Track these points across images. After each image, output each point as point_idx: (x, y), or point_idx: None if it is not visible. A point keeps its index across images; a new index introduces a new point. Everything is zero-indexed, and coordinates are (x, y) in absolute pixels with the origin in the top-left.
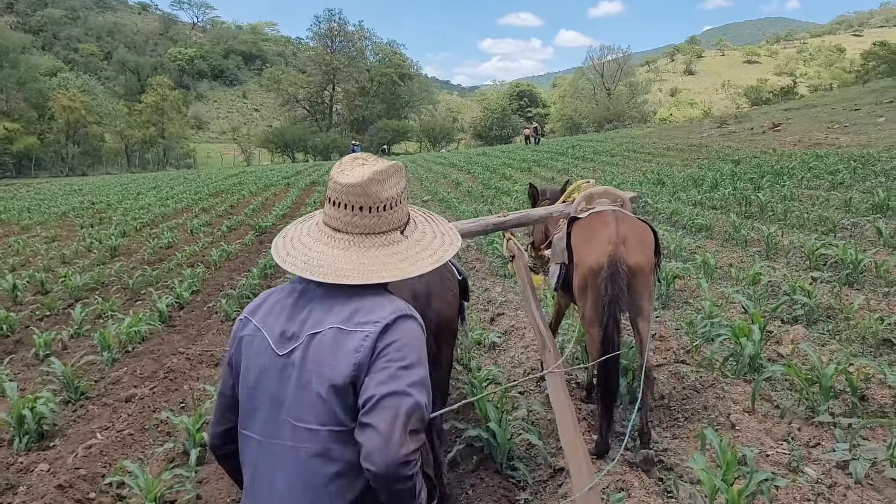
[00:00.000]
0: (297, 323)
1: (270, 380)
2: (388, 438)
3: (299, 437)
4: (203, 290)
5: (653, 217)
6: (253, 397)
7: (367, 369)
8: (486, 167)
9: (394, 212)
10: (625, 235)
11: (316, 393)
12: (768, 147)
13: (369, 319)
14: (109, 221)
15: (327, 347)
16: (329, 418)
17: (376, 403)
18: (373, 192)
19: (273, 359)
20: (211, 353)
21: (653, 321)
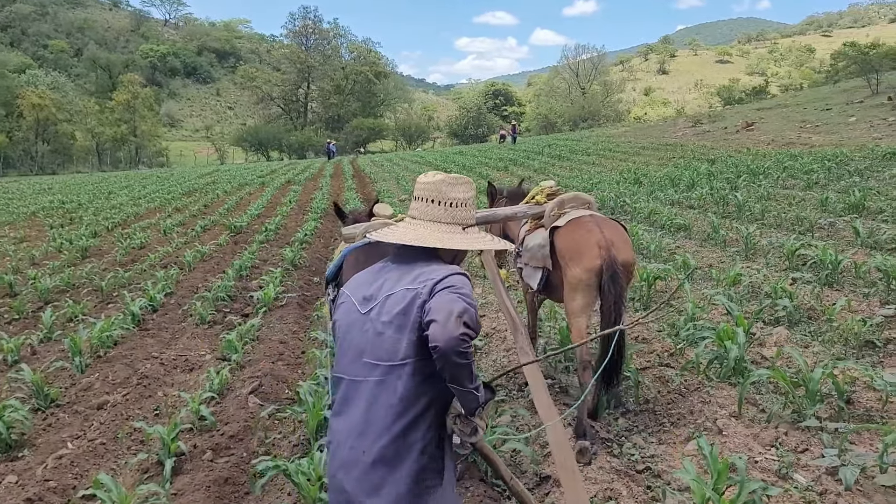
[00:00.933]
0: (374, 289)
1: (353, 329)
2: (445, 323)
3: (376, 373)
4: (177, 293)
5: (631, 217)
6: (342, 347)
7: (425, 309)
8: (462, 166)
9: (458, 210)
10: (611, 238)
11: (389, 337)
12: (742, 146)
13: (429, 277)
14: (80, 221)
15: (399, 300)
16: (400, 355)
17: (435, 304)
18: (443, 190)
19: (357, 315)
20: (185, 357)
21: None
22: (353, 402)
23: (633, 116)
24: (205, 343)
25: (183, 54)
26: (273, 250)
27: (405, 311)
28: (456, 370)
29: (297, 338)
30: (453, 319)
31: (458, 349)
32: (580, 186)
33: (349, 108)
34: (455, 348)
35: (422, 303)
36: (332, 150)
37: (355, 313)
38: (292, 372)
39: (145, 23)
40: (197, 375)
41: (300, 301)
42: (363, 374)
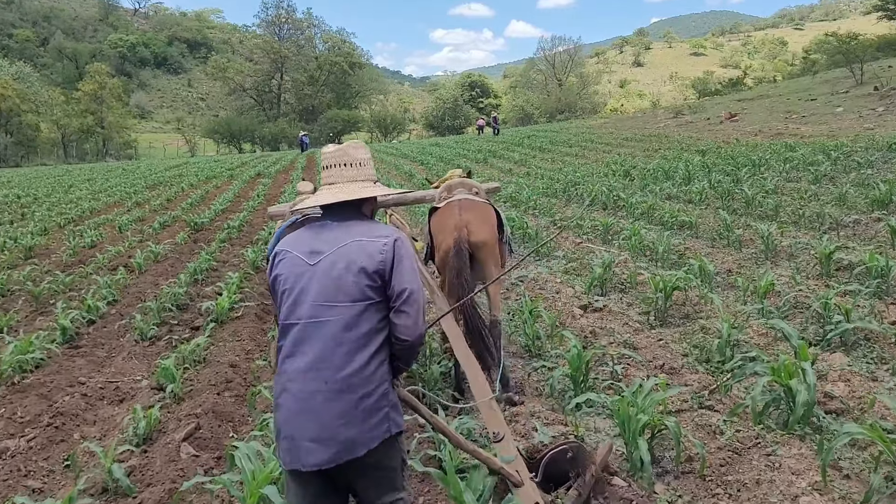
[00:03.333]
0: (321, 243)
1: (304, 279)
2: (416, 321)
3: (337, 312)
4: (122, 300)
5: (627, 213)
6: (293, 294)
7: (390, 266)
8: (440, 158)
9: (366, 168)
10: (467, 220)
11: (348, 281)
12: (729, 137)
13: (381, 234)
14: (32, 217)
15: (355, 250)
16: (360, 296)
17: (406, 298)
18: (350, 153)
19: (304, 267)
20: (117, 385)
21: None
22: (309, 341)
23: (610, 108)
24: (143, 365)
25: (153, 44)
26: (235, 250)
27: (367, 259)
28: (409, 354)
29: (251, 358)
30: (421, 317)
31: (420, 342)
32: (565, 179)
33: (323, 99)
34: (419, 342)
35: (384, 259)
36: (305, 142)
37: (303, 265)
38: (240, 406)
39: (114, 12)
40: (128, 408)
41: (259, 311)
42: (320, 315)
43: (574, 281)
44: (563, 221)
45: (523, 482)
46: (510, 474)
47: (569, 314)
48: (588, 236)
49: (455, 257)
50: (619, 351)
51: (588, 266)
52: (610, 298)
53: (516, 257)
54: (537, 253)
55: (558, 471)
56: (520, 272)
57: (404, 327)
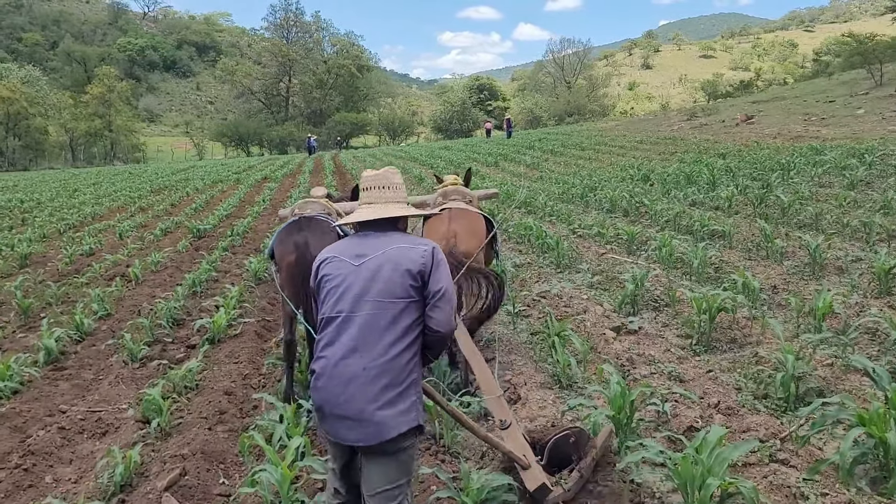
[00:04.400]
0: (366, 248)
1: (351, 278)
2: (449, 315)
3: (379, 307)
4: (115, 314)
5: (652, 221)
6: (339, 290)
7: (429, 270)
8: (449, 161)
9: (400, 191)
10: (455, 230)
11: (393, 280)
12: (747, 140)
13: (421, 243)
14: (32, 223)
15: (397, 254)
16: (403, 294)
17: (442, 296)
18: (389, 177)
19: (351, 268)
20: (99, 415)
21: None
22: (350, 331)
23: (619, 111)
24: (131, 390)
25: (162, 48)
26: (237, 259)
27: (411, 263)
28: (439, 345)
29: (249, 384)
30: (454, 313)
31: (452, 335)
32: (581, 184)
33: (331, 102)
34: (451, 335)
35: (426, 263)
36: (312, 145)
37: (348, 267)
38: (233, 443)
39: (123, 16)
40: (110, 443)
41: (259, 328)
42: (362, 310)
43: (601, 297)
44: (582, 230)
45: (530, 465)
46: (518, 458)
47: (600, 337)
48: (611, 245)
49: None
50: (665, 385)
51: (615, 280)
52: (643, 318)
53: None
54: (558, 265)
55: (562, 454)
56: (542, 287)
57: (439, 321)
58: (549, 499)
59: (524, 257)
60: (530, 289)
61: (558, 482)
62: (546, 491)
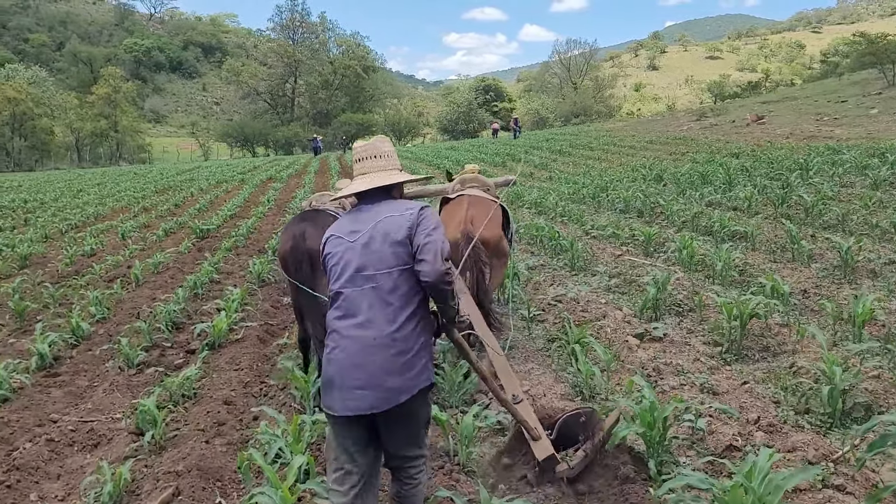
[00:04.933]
0: (359, 224)
1: (348, 255)
2: (433, 262)
3: (378, 279)
4: (113, 318)
5: (668, 221)
6: (339, 268)
7: (414, 230)
8: (456, 162)
9: (392, 159)
10: (472, 216)
11: (386, 251)
12: (759, 140)
13: (408, 207)
14: (35, 223)
15: (388, 225)
16: (396, 262)
17: (424, 246)
18: (378, 147)
19: (346, 244)
20: (92, 426)
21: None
22: (356, 304)
23: (626, 112)
24: (126, 398)
25: (168, 49)
26: (240, 260)
27: (397, 230)
28: (441, 294)
29: (250, 393)
30: (438, 258)
31: (444, 280)
32: (592, 184)
33: (337, 103)
34: (441, 280)
35: (411, 225)
36: (318, 145)
37: (345, 243)
38: (231, 458)
39: (130, 17)
40: (101, 457)
41: (262, 333)
42: (364, 284)
43: (621, 301)
44: (596, 231)
45: (541, 436)
46: (531, 427)
47: (622, 344)
48: (627, 247)
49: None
50: (698, 398)
51: (634, 283)
52: (666, 323)
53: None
54: (572, 268)
55: (571, 433)
56: (557, 290)
57: (424, 270)
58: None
59: (536, 259)
60: (545, 292)
61: (563, 459)
62: (554, 461)
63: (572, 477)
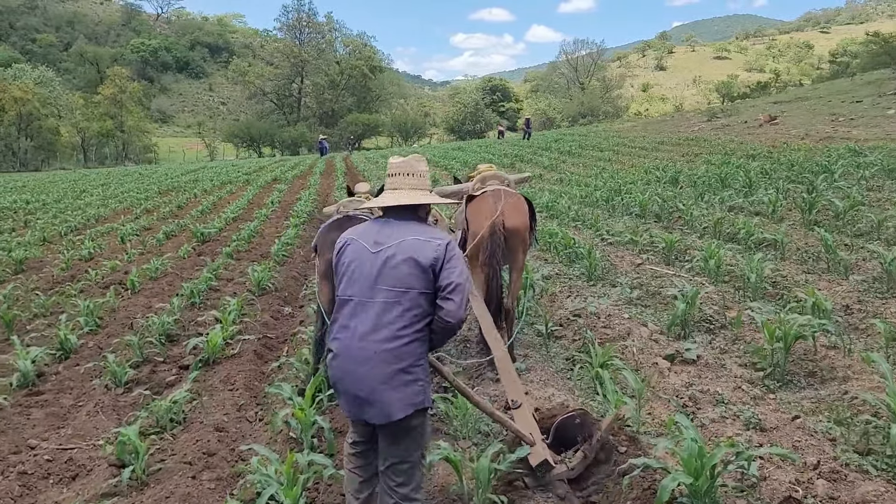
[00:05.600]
0: (384, 237)
1: (366, 265)
2: (460, 307)
3: (391, 296)
4: (105, 328)
5: (688, 227)
6: (352, 273)
7: (442, 262)
8: (464, 163)
9: (424, 179)
10: (502, 208)
11: (404, 271)
12: (774, 141)
13: (435, 236)
14: (34, 225)
15: (412, 246)
16: (414, 285)
17: (455, 288)
18: (413, 165)
19: (368, 254)
20: (71, 454)
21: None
22: (362, 316)
23: (634, 112)
24: (111, 420)
25: (175, 49)
26: (241, 266)
27: (423, 257)
28: (450, 333)
29: (244, 417)
30: (464, 304)
31: (461, 325)
32: (605, 186)
33: (344, 103)
34: (461, 324)
35: (438, 256)
36: (324, 146)
37: (366, 252)
38: (219, 498)
39: (137, 17)
40: (78, 492)
41: (259, 347)
42: (374, 296)
43: (645, 316)
44: (613, 237)
45: (535, 442)
46: (524, 436)
47: (651, 367)
48: (648, 255)
49: (490, 239)
50: (745, 435)
51: (657, 295)
52: (696, 342)
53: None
54: (590, 277)
55: (568, 435)
56: (576, 303)
57: (449, 311)
58: (553, 474)
59: (551, 267)
60: (562, 304)
61: (563, 461)
62: (548, 466)
63: (572, 478)
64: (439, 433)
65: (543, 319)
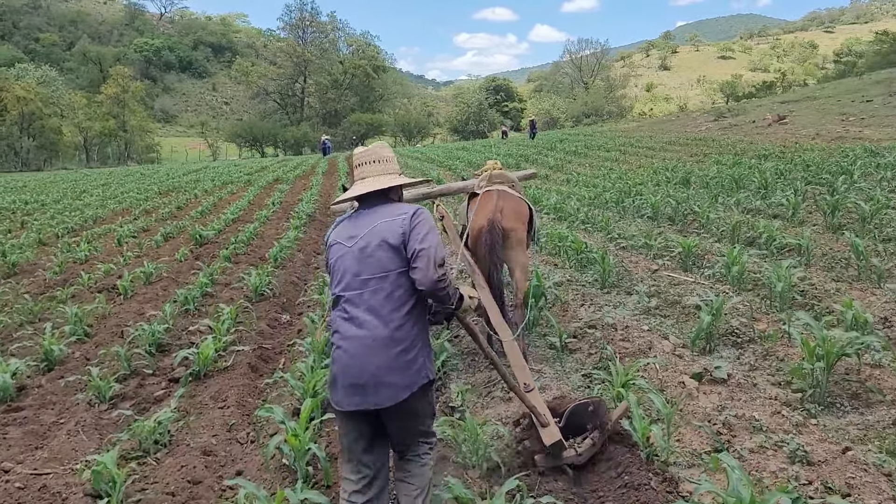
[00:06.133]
0: (357, 229)
1: (347, 260)
2: (426, 270)
3: (374, 283)
4: (95, 337)
5: (703, 229)
6: (339, 273)
7: (408, 235)
8: (469, 163)
9: (391, 163)
10: (501, 207)
11: (380, 256)
12: (785, 141)
13: (401, 211)
14: (31, 226)
15: (382, 230)
16: (391, 266)
17: (418, 254)
18: (378, 152)
19: (345, 249)
20: (45, 481)
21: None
22: (356, 308)
23: (637, 112)
24: (93, 441)
25: (178, 48)
26: (239, 269)
27: (391, 236)
28: (437, 297)
29: (234, 439)
30: (432, 266)
31: (438, 286)
32: (614, 187)
33: (347, 102)
34: (436, 286)
35: (404, 231)
36: (327, 146)
37: (344, 248)
38: None
39: (140, 16)
40: None
41: (254, 359)
42: (362, 287)
43: (665, 327)
44: (625, 241)
45: (549, 423)
46: (540, 414)
47: (677, 387)
48: (663, 260)
49: (488, 234)
50: (791, 471)
51: (677, 304)
52: (723, 357)
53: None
54: (603, 284)
55: (579, 421)
56: (590, 312)
57: (418, 278)
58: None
59: (562, 273)
60: (576, 314)
61: (572, 447)
62: (562, 447)
63: (580, 463)
64: (447, 461)
65: (557, 331)
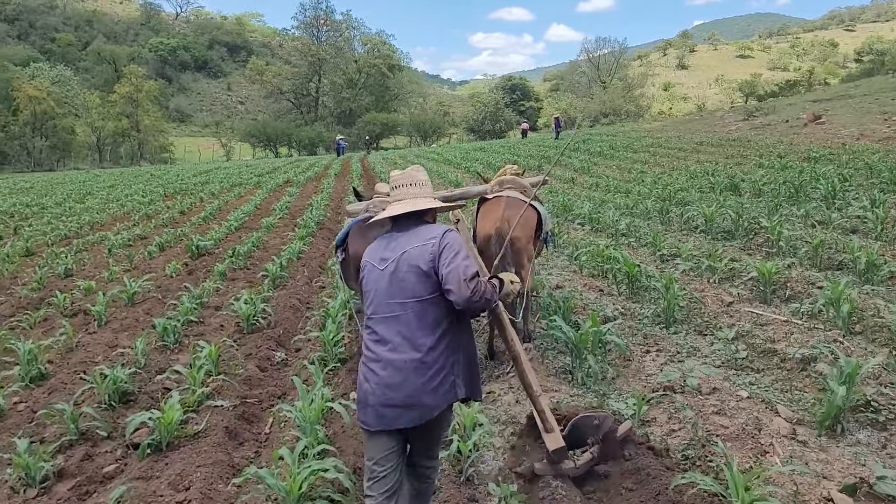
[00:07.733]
0: (388, 252)
1: (378, 283)
2: (458, 291)
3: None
4: (54, 376)
5: (773, 247)
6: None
7: (437, 260)
8: (487, 165)
9: (426, 187)
10: (508, 217)
11: (410, 280)
12: (825, 142)
13: (432, 235)
14: (22, 233)
15: (414, 256)
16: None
17: (448, 276)
18: (414, 176)
19: (377, 272)
20: None
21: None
22: (388, 331)
23: (656, 111)
24: None
25: (193, 48)
26: (235, 287)
27: (422, 262)
28: (476, 310)
29: None
30: (463, 284)
31: (472, 300)
32: (651, 193)
33: (362, 102)
34: (470, 302)
35: (433, 256)
36: (341, 146)
37: (376, 271)
38: None
39: (156, 16)
40: None
41: (234, 420)
42: (394, 311)
43: (769, 392)
44: (681, 260)
45: (554, 429)
46: (546, 419)
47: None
48: (737, 290)
49: (496, 244)
50: None
51: (773, 353)
52: (859, 440)
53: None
54: (668, 322)
55: (581, 434)
56: (660, 364)
57: (454, 301)
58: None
59: (611, 302)
60: (641, 365)
61: (571, 458)
62: (564, 453)
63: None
64: None
65: (637, 405)
